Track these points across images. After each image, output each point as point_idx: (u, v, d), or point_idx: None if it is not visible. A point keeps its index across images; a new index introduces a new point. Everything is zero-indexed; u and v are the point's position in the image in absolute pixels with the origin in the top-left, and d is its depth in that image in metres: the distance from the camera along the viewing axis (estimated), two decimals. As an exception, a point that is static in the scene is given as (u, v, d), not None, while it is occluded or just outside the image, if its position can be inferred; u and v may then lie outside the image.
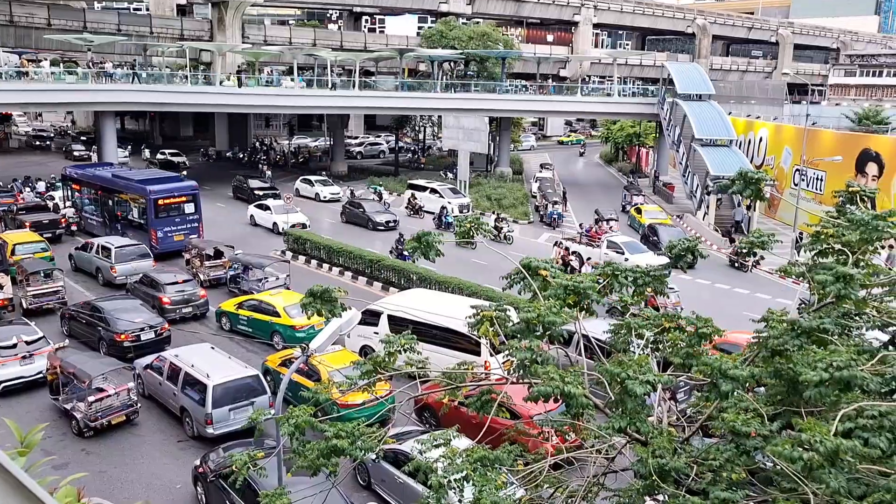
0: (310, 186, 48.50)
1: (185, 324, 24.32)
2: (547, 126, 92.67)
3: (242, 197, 45.18)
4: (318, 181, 49.35)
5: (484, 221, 10.16)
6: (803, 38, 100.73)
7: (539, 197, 45.75)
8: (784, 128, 47.26)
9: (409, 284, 26.79)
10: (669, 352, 7.76)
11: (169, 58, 59.82)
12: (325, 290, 8.23)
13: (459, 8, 73.10)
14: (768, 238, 8.50)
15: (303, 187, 48.77)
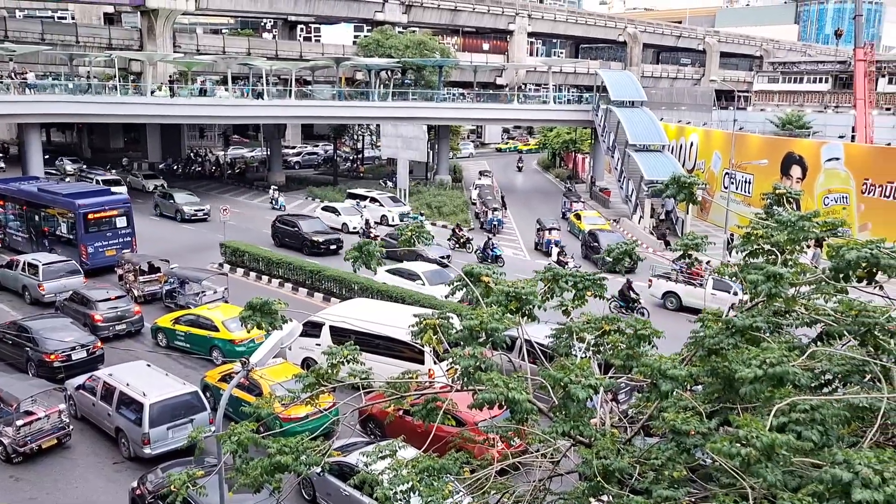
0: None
1: (120, 341, 23.58)
2: (485, 133, 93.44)
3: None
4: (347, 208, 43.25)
5: (426, 229, 10.15)
6: (729, 46, 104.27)
7: (479, 204, 46.06)
8: (713, 133, 48.81)
9: (351, 294, 26.59)
10: (610, 354, 7.89)
11: (97, 67, 58.12)
12: (265, 303, 8.10)
13: (395, 17, 73.16)
14: (702, 240, 8.74)
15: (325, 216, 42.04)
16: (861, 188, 34.94)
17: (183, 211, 42.91)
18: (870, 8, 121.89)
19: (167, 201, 44.26)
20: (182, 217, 42.67)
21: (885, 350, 6.87)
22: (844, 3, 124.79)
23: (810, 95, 78.18)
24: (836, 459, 5.18)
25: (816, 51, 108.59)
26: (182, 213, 42.86)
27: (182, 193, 45.19)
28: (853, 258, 6.61)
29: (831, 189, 36.74)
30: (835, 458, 5.23)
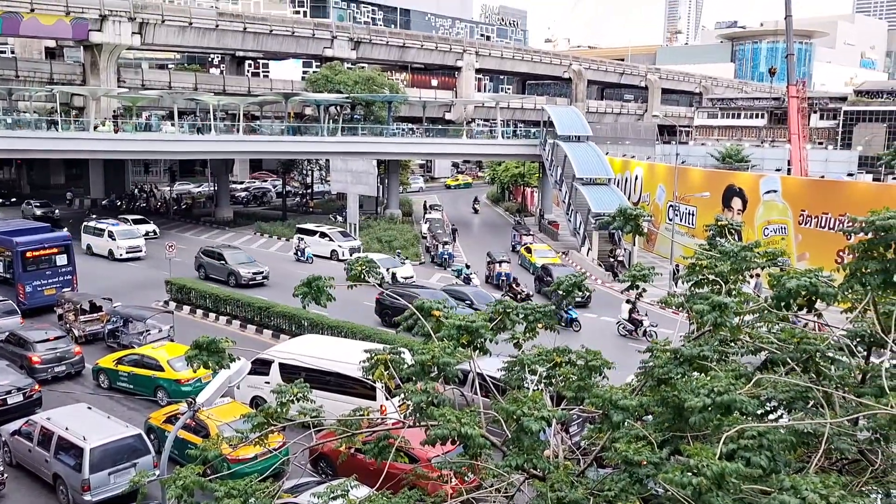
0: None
1: (59, 384, 22.74)
2: (435, 168, 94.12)
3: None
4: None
5: (375, 263, 10.11)
6: (669, 83, 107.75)
7: (429, 237, 46.16)
8: (657, 166, 50.07)
9: (301, 331, 26.22)
10: (562, 386, 7.92)
11: (37, 102, 56.81)
12: (212, 341, 7.93)
13: (344, 53, 73.61)
14: (649, 271, 8.89)
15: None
16: (798, 219, 36.16)
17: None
18: (801, 48, 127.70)
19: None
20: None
21: (827, 376, 7.07)
22: (777, 42, 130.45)
23: (748, 130, 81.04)
24: (784, 486, 5.27)
25: (752, 88, 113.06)
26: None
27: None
28: (793, 287, 6.80)
29: (770, 220, 37.94)
30: (783, 484, 5.32)
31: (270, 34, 69.29)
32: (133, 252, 41.17)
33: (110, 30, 57.88)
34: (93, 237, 42.52)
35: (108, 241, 41.51)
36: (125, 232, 42.53)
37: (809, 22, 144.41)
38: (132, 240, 41.88)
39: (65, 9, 55.93)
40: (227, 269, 35.86)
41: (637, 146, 59.58)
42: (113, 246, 41.24)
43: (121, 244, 41.21)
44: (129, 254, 41.01)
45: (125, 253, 41.02)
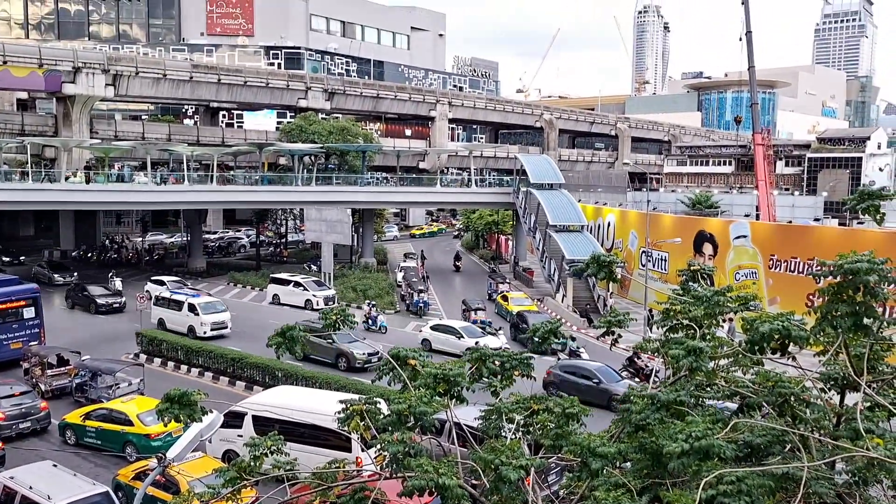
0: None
1: (24, 441, 22.05)
2: (409, 216, 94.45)
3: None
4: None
5: (350, 313, 10.06)
6: (639, 131, 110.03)
7: (404, 286, 46.04)
8: (629, 213, 50.76)
9: (275, 382, 25.82)
10: (540, 434, 7.87)
11: (7, 154, 56.37)
12: (184, 394, 7.78)
13: (318, 104, 74.31)
14: (624, 317, 8.94)
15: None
16: (768, 264, 36.73)
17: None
18: (764, 97, 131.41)
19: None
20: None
21: (802, 420, 7.10)
22: (741, 92, 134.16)
23: (716, 177, 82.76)
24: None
25: (719, 136, 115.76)
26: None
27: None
28: (766, 331, 6.87)
29: (741, 265, 38.49)
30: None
31: (245, 85, 69.87)
32: (218, 329, 34.84)
33: (84, 81, 58.00)
34: (167, 311, 36.05)
35: (187, 316, 34.90)
36: (209, 305, 36.05)
37: (772, 73, 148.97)
38: (217, 314, 35.39)
39: (38, 61, 56.05)
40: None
41: (609, 193, 60.50)
42: (195, 322, 34.78)
43: (205, 320, 34.69)
44: (215, 331, 34.64)
45: (210, 330, 34.45)
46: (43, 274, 49.12)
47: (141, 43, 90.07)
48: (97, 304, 40.31)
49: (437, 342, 33.32)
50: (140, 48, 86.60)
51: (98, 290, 41.55)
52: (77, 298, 41.67)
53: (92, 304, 40.37)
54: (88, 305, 40.37)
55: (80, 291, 41.61)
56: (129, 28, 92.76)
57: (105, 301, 40.57)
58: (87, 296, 41.06)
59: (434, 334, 33.90)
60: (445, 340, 33.16)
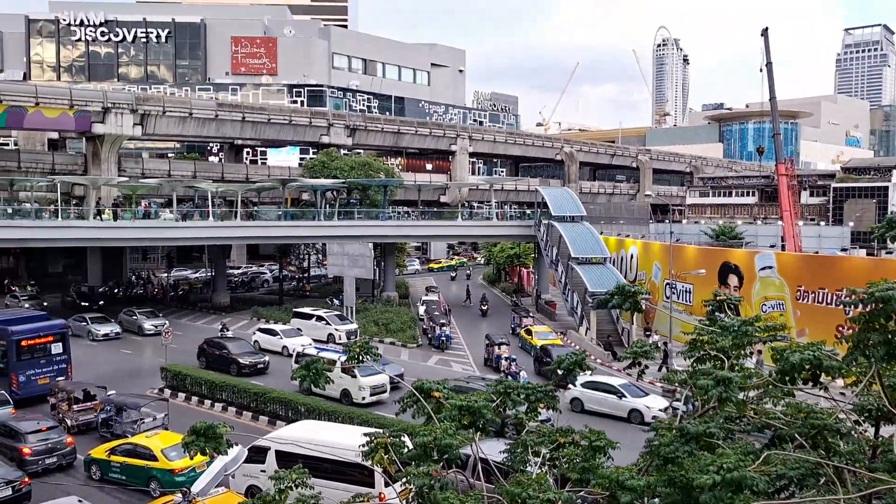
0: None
1: (50, 476, 22.13)
2: (431, 250, 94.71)
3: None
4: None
5: (373, 346, 10.06)
6: (660, 163, 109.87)
7: (426, 320, 45.94)
8: (652, 245, 50.45)
9: (298, 416, 25.77)
10: (566, 467, 7.76)
11: (39, 192, 57.54)
12: (209, 427, 7.78)
13: (340, 140, 75.23)
14: (650, 348, 8.85)
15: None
16: (795, 295, 36.19)
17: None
18: (787, 127, 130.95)
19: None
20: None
21: (837, 452, 6.94)
22: (763, 123, 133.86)
23: (739, 208, 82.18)
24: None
25: (741, 167, 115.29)
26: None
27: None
28: (797, 360, 6.76)
29: (768, 296, 37.96)
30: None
31: (269, 123, 70.99)
32: (378, 394, 30.27)
33: (113, 121, 59.29)
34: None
35: (341, 378, 29.11)
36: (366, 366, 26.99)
37: (794, 103, 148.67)
38: (376, 376, 29.98)
39: (69, 102, 57.41)
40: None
41: (631, 225, 60.30)
42: (351, 385, 29.88)
43: (363, 383, 29.90)
44: (375, 396, 30.11)
45: (370, 395, 30.02)
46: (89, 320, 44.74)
47: (168, 83, 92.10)
48: (240, 365, 34.29)
49: (591, 402, 28.86)
50: (167, 88, 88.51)
51: (239, 349, 35.87)
52: (212, 357, 35.59)
53: (233, 364, 34.41)
54: (228, 366, 34.32)
55: (218, 349, 35.64)
56: (156, 69, 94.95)
57: (249, 361, 34.84)
58: (225, 355, 35.18)
59: (587, 392, 29.02)
60: (602, 400, 28.75)
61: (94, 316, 45.44)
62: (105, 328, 43.56)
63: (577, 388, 28.39)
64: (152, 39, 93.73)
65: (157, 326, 44.40)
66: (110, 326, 43.93)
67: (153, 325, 45.03)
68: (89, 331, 43.02)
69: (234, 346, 35.96)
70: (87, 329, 43.13)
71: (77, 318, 44.11)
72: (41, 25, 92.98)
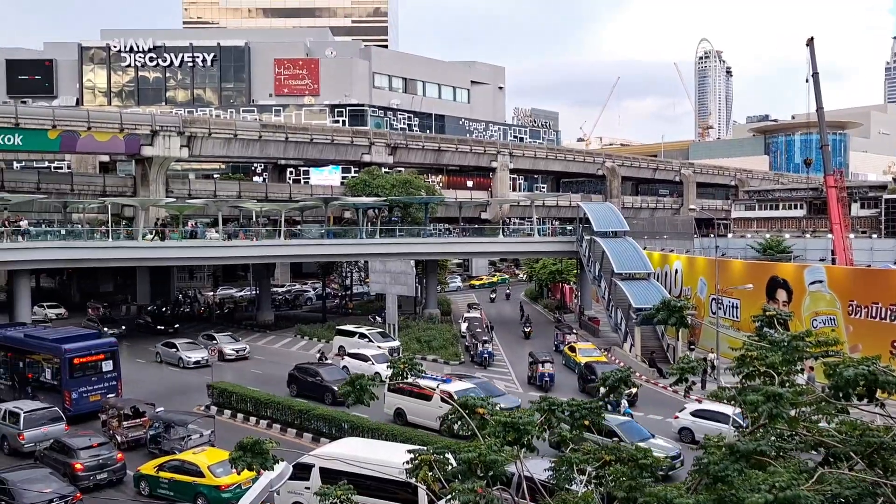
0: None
1: (101, 491, 22.60)
2: (472, 267, 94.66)
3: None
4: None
5: (417, 361, 10.09)
6: (704, 177, 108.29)
7: (469, 337, 45.83)
8: (697, 260, 49.66)
9: (341, 434, 25.89)
10: (613, 486, 7.64)
11: (90, 214, 59.26)
12: (256, 442, 7.88)
13: (382, 158, 75.91)
14: (697, 364, 8.70)
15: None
16: (847, 310, 35.23)
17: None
18: (835, 138, 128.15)
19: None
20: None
21: (895, 471, 6.71)
22: (810, 134, 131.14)
23: (787, 221, 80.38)
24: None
25: (789, 179, 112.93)
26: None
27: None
28: (851, 376, 6.57)
29: (818, 311, 37.02)
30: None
31: (311, 143, 72.02)
32: None
33: (161, 144, 60.83)
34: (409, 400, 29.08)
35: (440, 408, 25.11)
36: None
37: (842, 113, 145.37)
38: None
39: (119, 126, 59.10)
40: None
41: (675, 240, 59.39)
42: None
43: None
44: None
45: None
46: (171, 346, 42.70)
47: (214, 106, 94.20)
48: (335, 393, 30.73)
49: (702, 432, 23.89)
50: (213, 110, 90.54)
51: (331, 375, 33.38)
52: (304, 384, 33.57)
53: (328, 392, 31.99)
54: (322, 394, 32.20)
55: (311, 376, 33.61)
56: (202, 92, 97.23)
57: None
58: (318, 383, 33.08)
59: (699, 422, 26.43)
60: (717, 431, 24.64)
61: (184, 342, 43.08)
62: (196, 354, 41.14)
63: (686, 416, 27.08)
64: (198, 63, 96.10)
65: (237, 351, 43.35)
66: (200, 353, 41.36)
67: (234, 349, 43.46)
68: (180, 358, 40.86)
69: (326, 373, 33.44)
70: (178, 356, 40.96)
71: (166, 344, 42.41)
72: (93, 52, 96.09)
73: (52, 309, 57.89)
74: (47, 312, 56.80)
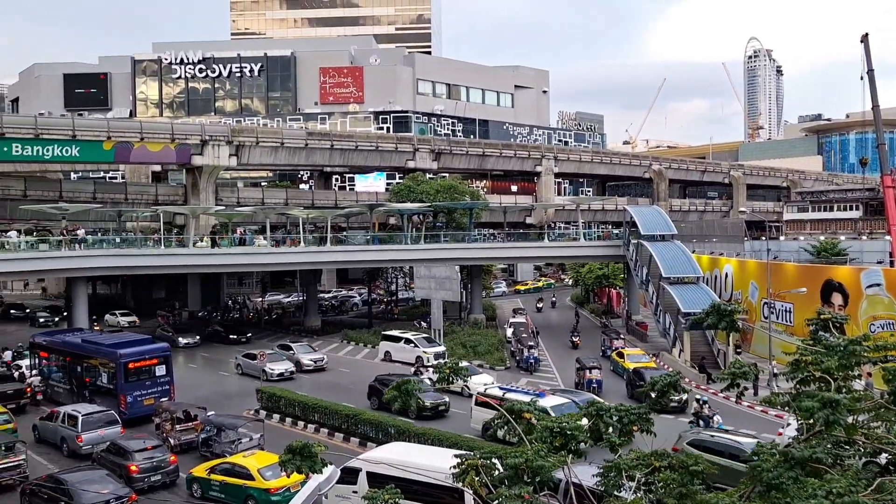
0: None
1: (155, 493, 23.12)
2: (517, 272, 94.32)
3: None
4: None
5: (463, 367, 10.09)
6: (754, 178, 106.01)
7: (514, 342, 45.64)
8: (748, 263, 48.60)
9: (388, 438, 26.01)
10: (662, 492, 7.53)
11: (143, 222, 60.84)
12: (305, 446, 7.98)
13: (426, 164, 76.23)
14: (749, 369, 8.52)
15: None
16: (907, 313, 34.07)
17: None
18: (892, 136, 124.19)
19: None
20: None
21: (960, 480, 6.46)
22: (865, 133, 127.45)
23: (842, 223, 78.09)
24: None
25: (843, 179, 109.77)
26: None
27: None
28: (912, 381, 6.37)
29: (876, 316, 35.87)
30: None
31: (356, 150, 72.74)
32: None
33: (210, 153, 62.16)
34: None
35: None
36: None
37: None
38: None
39: (170, 136, 60.58)
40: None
41: (725, 243, 58.23)
42: None
43: None
44: None
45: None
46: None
47: (261, 115, 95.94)
48: (420, 406, 29.34)
49: None
50: (260, 120, 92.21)
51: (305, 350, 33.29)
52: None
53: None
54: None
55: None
56: (250, 101, 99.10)
57: (430, 403, 30.65)
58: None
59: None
60: None
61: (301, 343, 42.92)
62: (279, 366, 39.36)
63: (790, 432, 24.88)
64: (246, 74, 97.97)
65: (315, 362, 41.87)
66: (283, 364, 39.76)
67: (311, 360, 41.82)
68: (263, 370, 38.39)
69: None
70: (262, 368, 38.45)
71: (247, 356, 40.67)
72: (145, 65, 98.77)
73: (124, 317, 59.09)
74: (120, 320, 57.97)
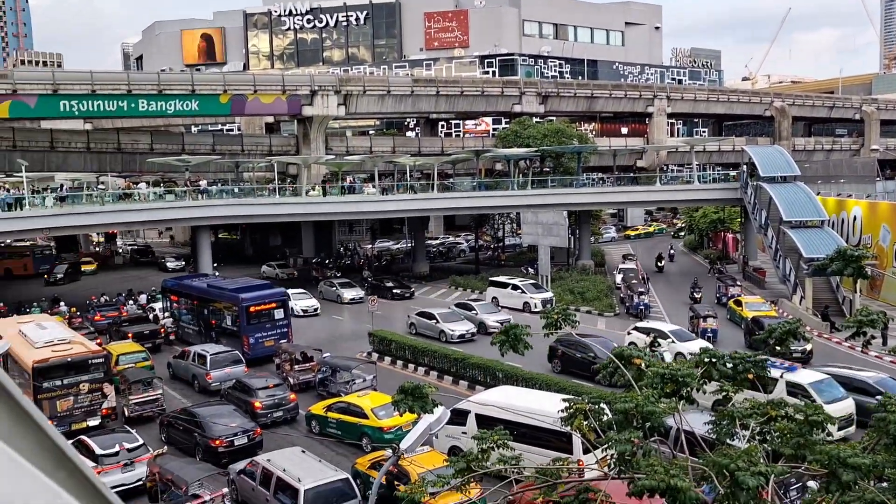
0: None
1: (277, 428, 24.55)
2: (627, 217, 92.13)
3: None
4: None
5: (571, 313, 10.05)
6: (890, 113, 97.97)
7: (623, 288, 44.90)
8: (879, 205, 45.44)
9: (496, 382, 26.43)
10: (779, 442, 7.32)
11: (259, 172, 63.26)
12: (416, 387, 8.24)
13: (533, 108, 74.89)
14: (878, 316, 8.06)
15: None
16: None
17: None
18: None
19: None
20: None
21: None
22: None
23: None
24: None
25: None
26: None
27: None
28: None
29: None
30: None
31: (461, 95, 72.29)
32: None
33: (319, 103, 63.42)
34: None
35: None
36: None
37: None
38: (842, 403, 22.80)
39: (281, 87, 62.22)
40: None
41: (853, 184, 54.65)
42: None
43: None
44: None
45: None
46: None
47: (367, 63, 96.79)
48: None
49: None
50: (367, 68, 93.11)
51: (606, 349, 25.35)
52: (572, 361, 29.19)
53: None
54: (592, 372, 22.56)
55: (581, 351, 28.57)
56: (356, 50, 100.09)
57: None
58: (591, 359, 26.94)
59: None
60: None
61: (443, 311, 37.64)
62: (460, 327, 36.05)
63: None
64: (352, 22, 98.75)
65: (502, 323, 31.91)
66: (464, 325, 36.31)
67: (497, 321, 35.77)
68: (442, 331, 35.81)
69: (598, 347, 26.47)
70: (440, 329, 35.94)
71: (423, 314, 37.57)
72: (256, 18, 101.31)
73: (281, 269, 59.28)
74: (277, 272, 58.08)
